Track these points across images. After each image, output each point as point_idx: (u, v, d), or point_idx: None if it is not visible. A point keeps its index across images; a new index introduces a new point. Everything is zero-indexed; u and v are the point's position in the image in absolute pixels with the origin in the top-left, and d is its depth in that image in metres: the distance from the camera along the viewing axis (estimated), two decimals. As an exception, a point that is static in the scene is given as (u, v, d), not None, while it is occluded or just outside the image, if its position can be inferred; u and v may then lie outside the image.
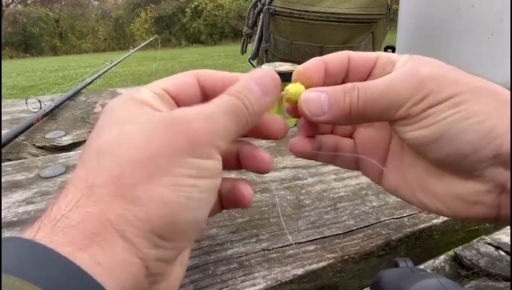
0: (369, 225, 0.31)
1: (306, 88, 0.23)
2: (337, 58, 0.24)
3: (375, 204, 0.33)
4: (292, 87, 0.24)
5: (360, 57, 0.24)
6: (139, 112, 0.19)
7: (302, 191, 0.36)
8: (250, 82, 0.21)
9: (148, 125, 0.18)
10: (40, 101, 0.62)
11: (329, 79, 0.23)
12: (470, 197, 0.20)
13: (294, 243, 0.28)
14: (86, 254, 0.14)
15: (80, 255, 0.14)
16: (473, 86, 0.20)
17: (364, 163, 0.26)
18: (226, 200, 0.24)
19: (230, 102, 0.19)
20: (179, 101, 0.21)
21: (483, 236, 0.33)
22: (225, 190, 0.24)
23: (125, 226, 0.15)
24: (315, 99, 0.22)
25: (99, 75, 0.90)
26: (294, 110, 0.24)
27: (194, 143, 0.17)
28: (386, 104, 0.20)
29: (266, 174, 0.39)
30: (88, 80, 0.82)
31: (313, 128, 0.26)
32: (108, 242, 0.15)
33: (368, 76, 0.24)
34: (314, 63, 0.23)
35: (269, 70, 0.22)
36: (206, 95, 0.23)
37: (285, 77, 0.53)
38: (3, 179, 0.39)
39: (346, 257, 0.28)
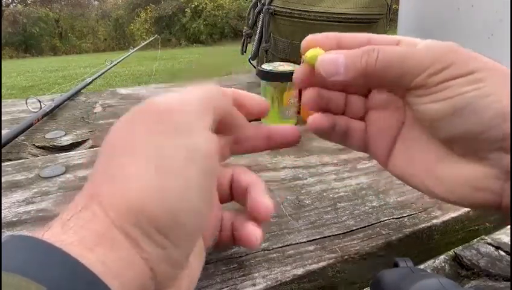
0: (369, 225, 0.31)
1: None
2: (354, 36, 0.24)
3: (375, 204, 0.33)
4: (311, 51, 0.24)
5: (382, 38, 0.24)
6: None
7: (302, 191, 0.36)
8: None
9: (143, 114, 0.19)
10: (40, 101, 0.61)
11: None
12: (477, 182, 0.20)
13: (294, 243, 0.28)
14: (92, 253, 0.14)
15: (87, 255, 0.14)
16: (489, 65, 0.20)
17: (373, 146, 0.26)
18: (235, 238, 0.25)
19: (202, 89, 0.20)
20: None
21: (483, 236, 0.33)
22: (236, 228, 0.24)
23: (126, 225, 0.15)
24: (332, 59, 0.22)
25: (99, 75, 0.90)
26: (312, 73, 0.24)
27: (180, 119, 0.18)
28: (404, 69, 0.20)
29: (266, 174, 0.39)
30: (88, 80, 0.82)
31: (324, 101, 0.25)
32: (114, 242, 0.15)
33: None
34: (323, 35, 0.24)
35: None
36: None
37: (285, 77, 0.54)
38: (3, 179, 0.39)
39: (346, 257, 0.28)
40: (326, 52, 0.23)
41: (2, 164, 0.43)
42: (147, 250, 0.16)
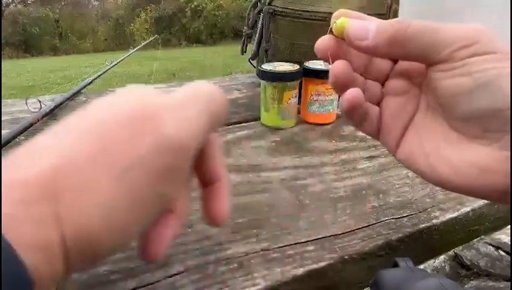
0: (369, 225, 0.31)
1: None
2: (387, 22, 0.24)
3: (375, 204, 0.33)
4: (342, 20, 0.24)
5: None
6: None
7: (302, 191, 0.36)
8: None
9: None
10: (40, 101, 0.61)
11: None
12: (485, 163, 0.20)
13: (294, 243, 0.28)
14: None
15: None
16: (506, 51, 0.21)
17: (385, 131, 0.26)
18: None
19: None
20: None
21: (483, 236, 0.33)
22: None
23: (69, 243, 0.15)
24: (362, 24, 0.23)
25: (99, 75, 0.90)
26: (338, 41, 0.24)
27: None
28: (434, 39, 0.21)
29: (266, 174, 0.39)
30: (88, 80, 0.82)
31: (351, 78, 0.25)
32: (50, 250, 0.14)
33: None
34: (359, 13, 0.25)
35: None
36: None
37: (285, 77, 0.53)
38: (3, 179, 0.39)
39: (346, 257, 0.28)
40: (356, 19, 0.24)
41: (2, 164, 0.43)
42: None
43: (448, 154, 0.22)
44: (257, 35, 0.79)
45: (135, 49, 1.26)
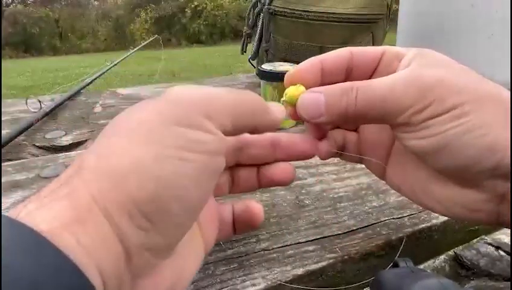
0: (369, 225, 0.31)
1: (307, 89, 0.23)
2: (336, 55, 0.23)
3: (375, 204, 0.33)
4: (291, 90, 0.23)
5: (364, 52, 0.23)
6: None
7: (302, 191, 0.36)
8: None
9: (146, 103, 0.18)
10: (40, 101, 0.62)
11: (328, 78, 0.23)
12: (470, 204, 0.20)
13: (294, 243, 0.28)
14: (67, 232, 0.14)
15: (61, 233, 0.13)
16: (479, 94, 0.19)
17: (367, 159, 0.26)
18: (238, 222, 0.24)
19: (239, 91, 0.19)
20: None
21: (483, 236, 0.33)
22: (238, 210, 0.24)
23: (107, 201, 0.15)
24: (312, 101, 0.22)
25: (99, 75, 0.90)
26: (295, 113, 0.23)
27: (182, 110, 0.17)
28: (385, 110, 0.20)
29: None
30: (88, 80, 0.82)
31: (320, 129, 0.25)
32: (91, 220, 0.14)
33: (373, 72, 0.23)
34: (308, 64, 0.23)
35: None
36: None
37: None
38: (3, 179, 0.39)
39: (346, 257, 0.28)
40: (304, 92, 0.22)
41: (2, 164, 0.43)
42: (126, 231, 0.15)
43: (433, 192, 0.22)
44: (257, 35, 0.79)
45: (135, 49, 1.26)
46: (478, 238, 0.33)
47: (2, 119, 0.60)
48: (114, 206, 0.15)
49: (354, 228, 0.30)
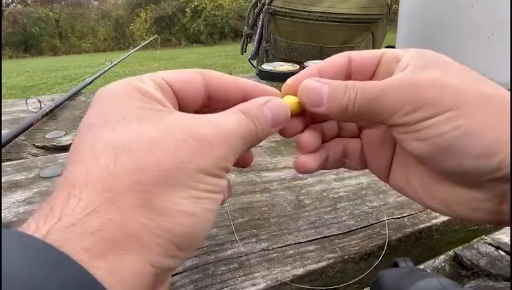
0: (369, 225, 0.31)
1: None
2: (334, 62, 0.23)
3: (375, 204, 0.33)
4: (289, 100, 0.23)
5: (363, 56, 0.23)
6: (149, 107, 0.18)
7: (302, 191, 0.36)
8: (264, 107, 0.21)
9: (169, 130, 0.17)
10: (40, 101, 0.62)
11: None
12: (471, 204, 0.20)
13: (294, 243, 0.28)
14: (102, 262, 0.14)
15: (95, 264, 0.14)
16: (474, 94, 0.18)
17: (371, 163, 0.26)
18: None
19: (245, 125, 0.19)
20: (180, 98, 0.21)
21: (483, 236, 0.33)
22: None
23: (149, 236, 0.15)
24: (316, 88, 0.22)
25: (99, 75, 0.90)
26: (291, 124, 0.23)
27: (214, 164, 0.18)
28: (379, 109, 0.20)
29: (266, 174, 0.39)
30: (88, 80, 0.82)
31: (315, 140, 0.25)
32: (126, 252, 0.15)
33: (372, 75, 0.23)
34: (305, 74, 0.23)
35: (281, 102, 0.22)
36: (209, 96, 0.22)
37: (285, 77, 0.53)
38: (3, 179, 0.39)
39: (346, 257, 0.28)
40: (310, 79, 0.22)
41: (2, 164, 0.43)
42: (159, 260, 0.16)
43: (435, 192, 0.22)
44: (257, 35, 0.79)
45: (135, 49, 1.26)
46: (478, 238, 0.33)
47: (2, 119, 0.60)
48: (155, 240, 0.16)
49: (354, 228, 0.30)
